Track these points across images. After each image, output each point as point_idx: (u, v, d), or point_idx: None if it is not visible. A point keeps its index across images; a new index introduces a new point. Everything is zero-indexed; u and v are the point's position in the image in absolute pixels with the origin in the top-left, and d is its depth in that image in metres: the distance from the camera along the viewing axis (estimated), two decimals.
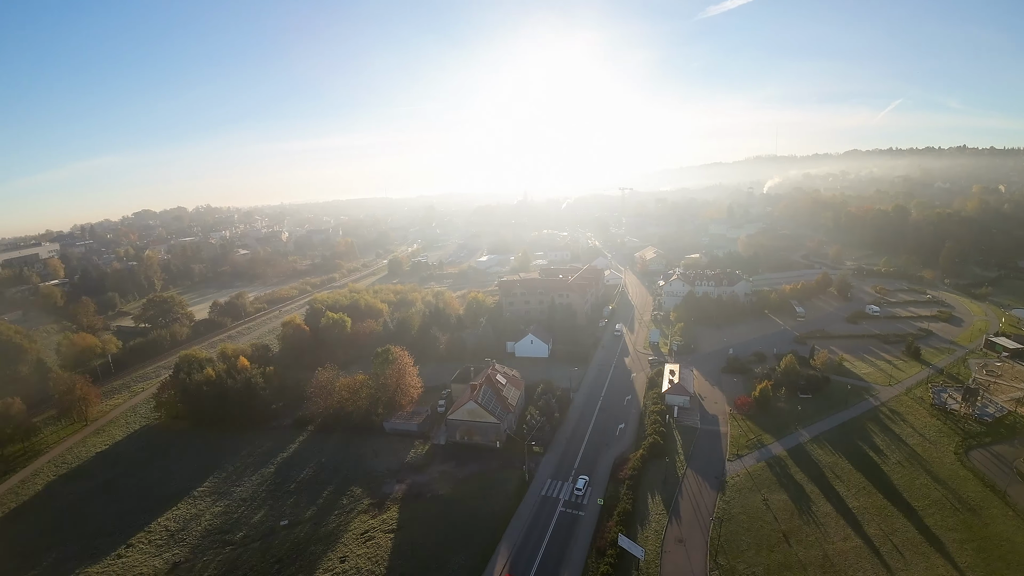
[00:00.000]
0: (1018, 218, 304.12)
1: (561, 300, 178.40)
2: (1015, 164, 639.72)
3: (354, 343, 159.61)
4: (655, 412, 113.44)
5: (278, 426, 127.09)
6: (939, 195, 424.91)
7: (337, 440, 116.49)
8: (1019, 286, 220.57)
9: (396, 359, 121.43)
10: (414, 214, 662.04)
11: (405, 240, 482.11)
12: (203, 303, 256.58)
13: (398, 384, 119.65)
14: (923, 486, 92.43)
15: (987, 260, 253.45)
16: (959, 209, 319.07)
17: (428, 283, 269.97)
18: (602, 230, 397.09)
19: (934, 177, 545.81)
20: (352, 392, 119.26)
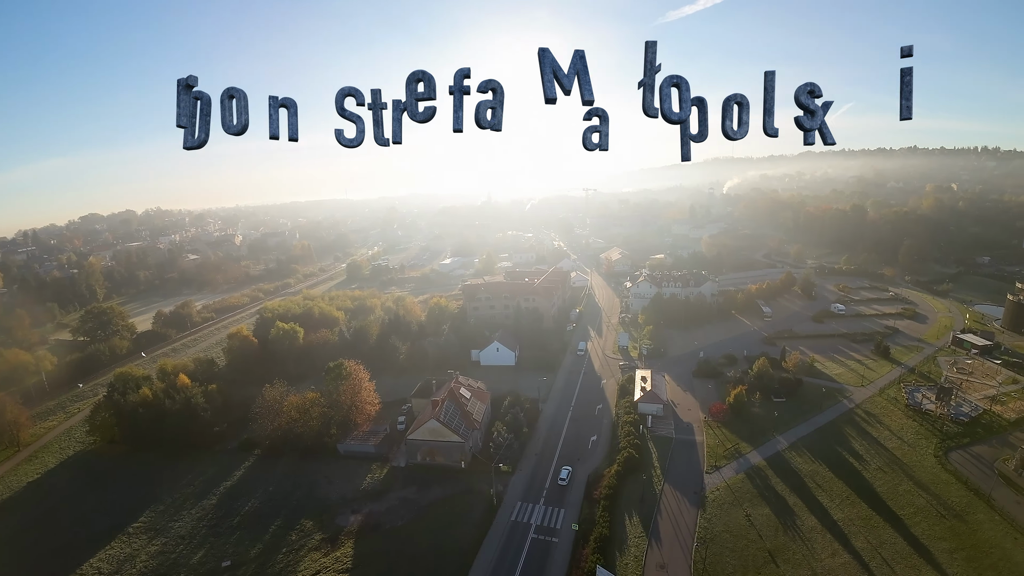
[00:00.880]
0: (973, 215, 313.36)
1: (527, 304, 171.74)
2: (965, 163, 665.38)
3: (307, 355, 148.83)
4: (628, 422, 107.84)
5: (222, 450, 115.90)
6: (893, 194, 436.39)
7: (286, 465, 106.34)
8: (978, 282, 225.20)
9: (350, 374, 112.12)
10: (376, 216, 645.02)
11: (366, 243, 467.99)
12: (148, 313, 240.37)
13: (352, 401, 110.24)
14: (906, 492, 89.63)
15: (945, 257, 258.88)
16: (915, 207, 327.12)
17: (389, 288, 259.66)
18: (567, 231, 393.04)
19: (887, 177, 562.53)
20: (302, 412, 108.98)
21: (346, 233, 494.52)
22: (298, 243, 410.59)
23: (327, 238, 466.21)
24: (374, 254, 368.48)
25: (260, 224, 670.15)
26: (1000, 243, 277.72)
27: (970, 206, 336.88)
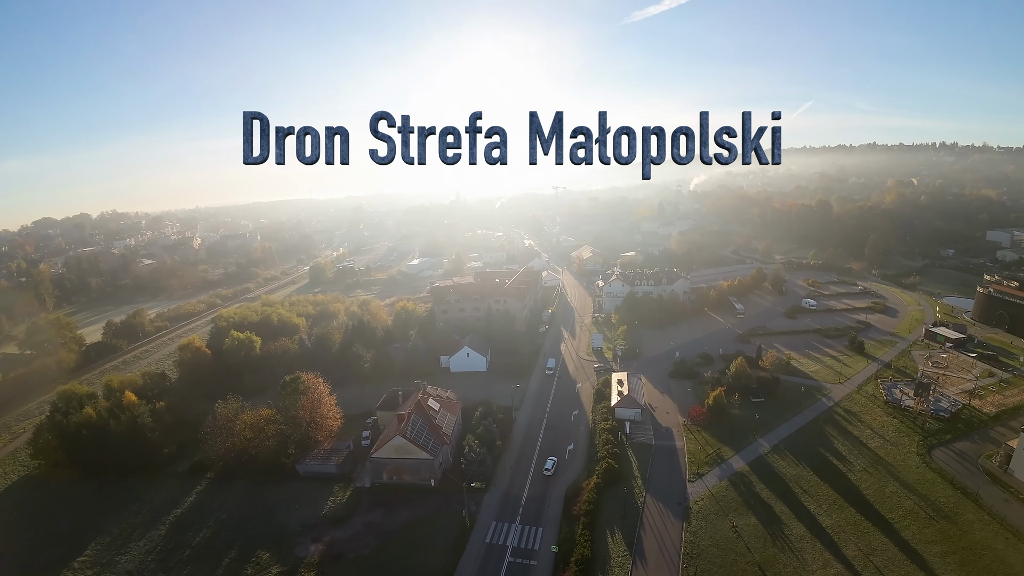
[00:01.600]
0: (935, 209, 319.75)
1: (498, 306, 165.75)
2: (924, 159, 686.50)
3: (265, 366, 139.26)
4: (606, 430, 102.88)
5: (172, 474, 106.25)
6: (855, 189, 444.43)
7: (241, 489, 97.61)
8: (945, 275, 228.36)
9: (308, 388, 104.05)
10: (342, 216, 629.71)
11: (331, 244, 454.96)
12: (100, 322, 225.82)
13: (312, 417, 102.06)
14: (893, 494, 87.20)
15: (911, 250, 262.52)
16: (878, 202, 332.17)
17: (354, 291, 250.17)
18: (537, 229, 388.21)
19: (848, 173, 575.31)
20: (256, 431, 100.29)
21: (310, 234, 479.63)
22: (259, 245, 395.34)
23: (290, 240, 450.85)
24: (339, 256, 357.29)
25: (220, 226, 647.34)
26: (963, 236, 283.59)
27: (932, 200, 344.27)
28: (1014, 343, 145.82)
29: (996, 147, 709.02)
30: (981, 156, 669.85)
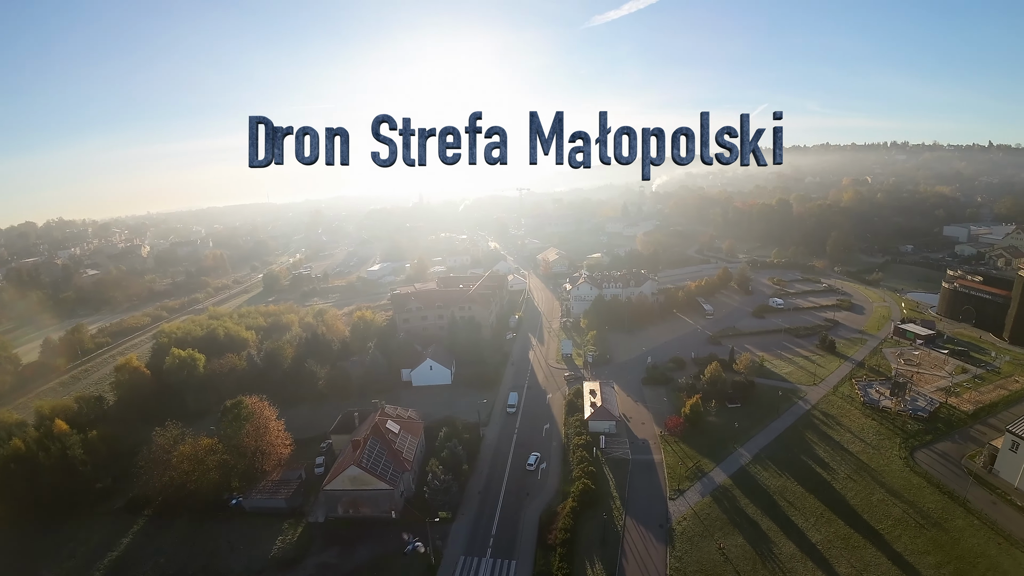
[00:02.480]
0: (892, 206, 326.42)
1: (463, 313, 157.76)
2: (876, 158, 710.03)
3: (209, 386, 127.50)
4: (580, 445, 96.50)
5: (108, 511, 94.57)
6: (812, 188, 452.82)
7: (182, 528, 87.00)
8: (906, 270, 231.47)
9: (251, 414, 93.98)
10: (299, 220, 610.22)
11: (287, 250, 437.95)
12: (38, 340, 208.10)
13: (257, 446, 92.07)
14: (880, 502, 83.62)
15: (871, 247, 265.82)
16: (837, 200, 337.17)
17: (310, 299, 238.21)
18: (502, 232, 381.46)
19: (804, 172, 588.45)
20: (196, 463, 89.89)
21: (265, 240, 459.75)
22: (210, 253, 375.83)
23: (244, 246, 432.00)
24: (295, 262, 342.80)
25: (171, 233, 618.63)
26: (921, 231, 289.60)
27: (888, 198, 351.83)
28: (983, 338, 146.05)
29: (946, 145, 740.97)
30: (932, 154, 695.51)
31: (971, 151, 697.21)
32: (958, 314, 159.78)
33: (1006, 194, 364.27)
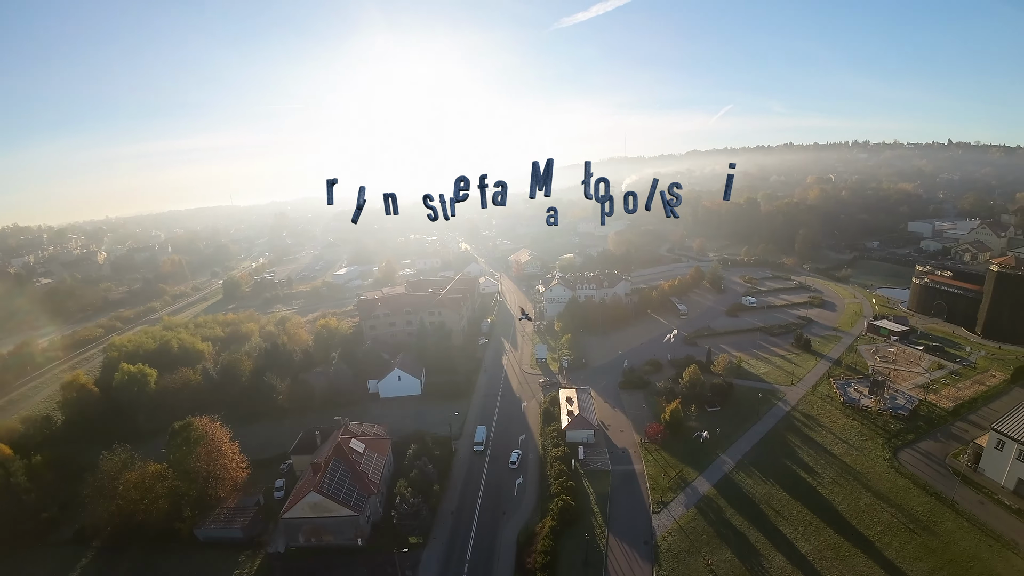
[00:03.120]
0: (857, 203, 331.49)
1: (433, 319, 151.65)
2: (839, 156, 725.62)
3: (162, 404, 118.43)
4: (557, 458, 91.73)
5: (55, 543, 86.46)
6: (777, 187, 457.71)
7: (132, 561, 79.17)
8: (873, 266, 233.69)
9: (202, 436, 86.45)
10: (264, 223, 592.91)
11: (250, 254, 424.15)
12: None
13: (210, 471, 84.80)
14: (868, 507, 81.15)
15: (839, 244, 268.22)
16: (803, 198, 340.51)
17: (273, 306, 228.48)
18: (473, 233, 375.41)
19: (769, 171, 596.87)
20: (144, 491, 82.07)
21: (227, 244, 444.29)
22: (168, 259, 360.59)
23: (205, 251, 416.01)
24: (258, 267, 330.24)
25: (130, 238, 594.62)
26: (886, 228, 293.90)
27: (853, 195, 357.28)
28: (956, 333, 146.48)
29: (907, 143, 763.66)
30: (893, 152, 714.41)
31: (931, 149, 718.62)
32: (930, 309, 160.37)
33: (967, 190, 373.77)
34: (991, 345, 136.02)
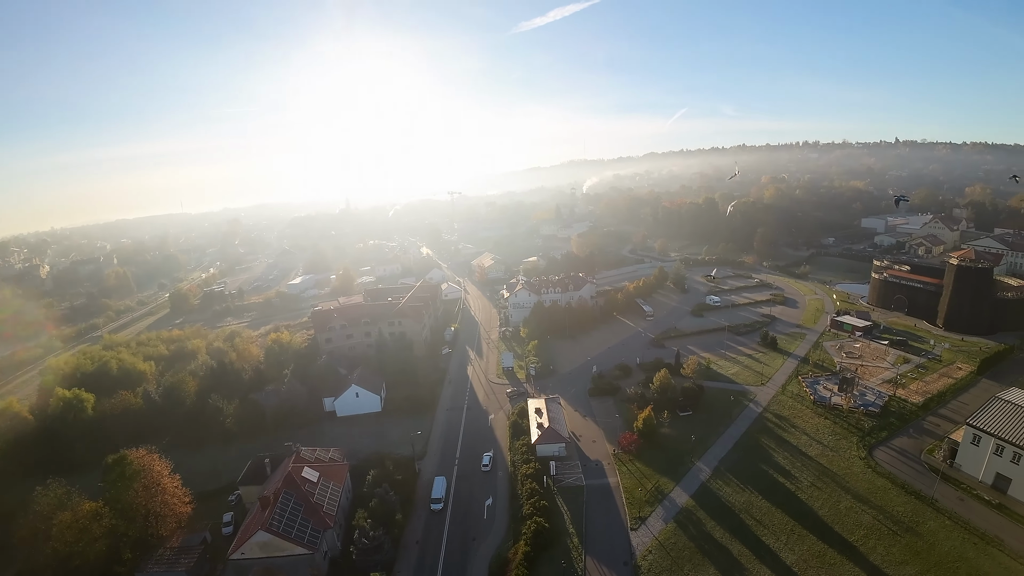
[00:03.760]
0: (812, 201, 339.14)
1: (393, 329, 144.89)
2: (790, 156, 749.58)
3: (101, 431, 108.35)
4: (528, 475, 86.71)
5: None
6: (733, 186, 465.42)
7: None
8: (830, 262, 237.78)
9: (139, 471, 77.91)
10: (216, 231, 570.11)
11: (200, 264, 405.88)
12: None
13: (149, 508, 76.66)
14: (849, 510, 79.40)
15: (796, 241, 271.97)
16: (759, 197, 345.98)
17: (223, 320, 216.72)
18: (434, 237, 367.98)
19: (724, 172, 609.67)
20: (80, 532, 73.08)
21: (175, 254, 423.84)
22: (113, 271, 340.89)
23: (152, 262, 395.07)
24: (208, 278, 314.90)
25: (74, 250, 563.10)
26: (841, 224, 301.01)
27: (807, 193, 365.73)
28: (917, 326, 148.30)
29: (855, 143, 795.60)
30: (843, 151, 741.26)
31: (879, 147, 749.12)
32: (890, 303, 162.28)
33: (915, 186, 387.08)
34: (954, 337, 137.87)
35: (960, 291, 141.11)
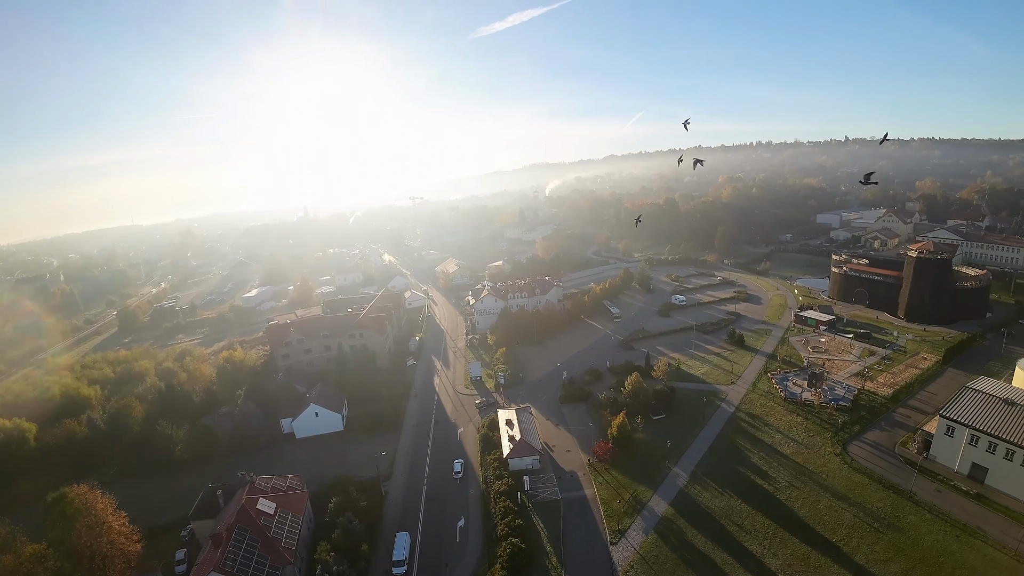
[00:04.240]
0: (768, 199, 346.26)
1: (353, 342, 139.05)
2: (745, 156, 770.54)
3: (45, 463, 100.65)
4: (502, 492, 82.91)
5: None
6: (691, 187, 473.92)
7: None
8: (789, 258, 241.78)
9: (80, 510, 71.06)
10: (168, 243, 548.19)
11: (151, 279, 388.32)
12: None
13: (94, 549, 69.68)
14: (829, 509, 78.51)
15: (755, 238, 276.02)
16: (717, 197, 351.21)
17: (174, 337, 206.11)
18: (396, 244, 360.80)
19: (682, 173, 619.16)
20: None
21: (124, 269, 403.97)
22: (58, 289, 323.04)
23: (101, 277, 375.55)
24: (159, 293, 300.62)
25: (19, 267, 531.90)
26: (798, 221, 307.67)
27: (763, 191, 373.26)
28: (879, 318, 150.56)
29: (807, 142, 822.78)
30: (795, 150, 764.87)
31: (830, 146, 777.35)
32: (851, 296, 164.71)
33: None
34: (916, 328, 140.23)
35: (920, 282, 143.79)
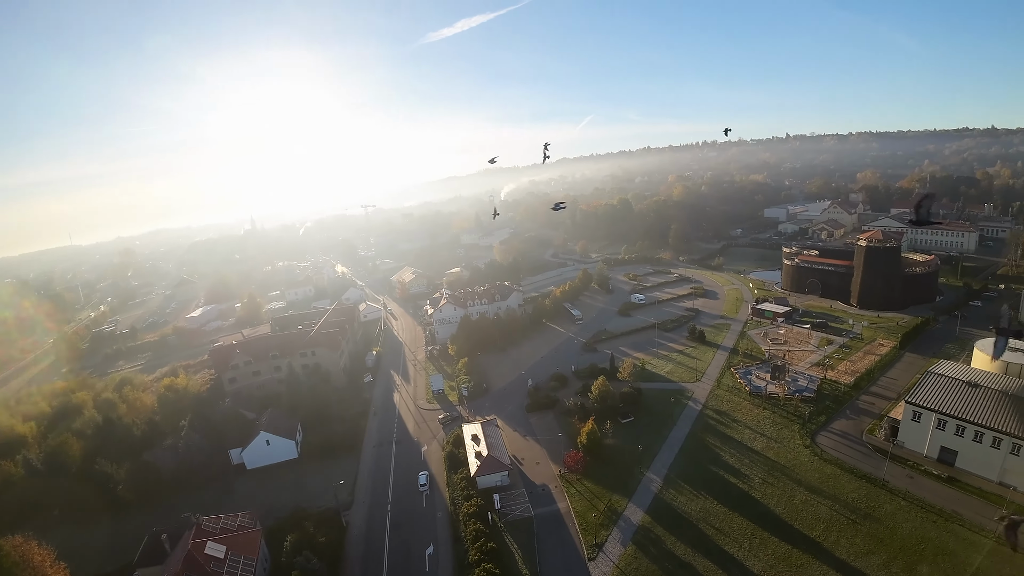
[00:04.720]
0: (717, 196, 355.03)
1: (305, 361, 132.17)
2: (692, 156, 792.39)
3: None
4: (471, 513, 78.85)
5: None
6: (643, 186, 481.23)
7: None
8: (741, 252, 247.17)
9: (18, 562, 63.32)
10: (108, 263, 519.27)
11: (90, 302, 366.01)
12: None
13: None
14: (805, 504, 78.09)
15: (707, 234, 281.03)
16: (669, 195, 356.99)
17: (115, 364, 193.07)
18: (350, 254, 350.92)
19: (633, 173, 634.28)
20: None
21: (61, 292, 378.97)
22: None
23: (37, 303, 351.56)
24: (98, 317, 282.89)
25: None
26: (746, 216, 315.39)
27: (712, 189, 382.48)
28: (833, 307, 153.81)
29: (750, 140, 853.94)
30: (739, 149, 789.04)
31: (772, 143, 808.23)
32: (804, 287, 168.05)
33: (810, 176, 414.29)
34: (870, 314, 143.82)
35: (871, 270, 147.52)
